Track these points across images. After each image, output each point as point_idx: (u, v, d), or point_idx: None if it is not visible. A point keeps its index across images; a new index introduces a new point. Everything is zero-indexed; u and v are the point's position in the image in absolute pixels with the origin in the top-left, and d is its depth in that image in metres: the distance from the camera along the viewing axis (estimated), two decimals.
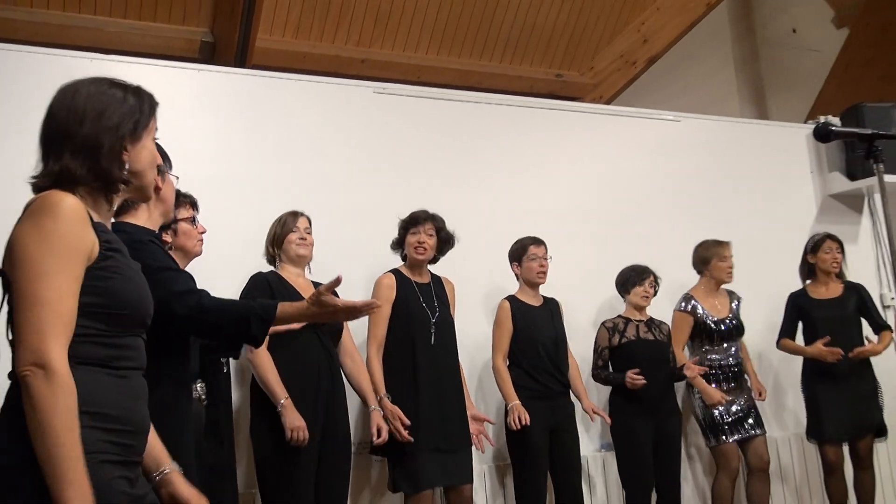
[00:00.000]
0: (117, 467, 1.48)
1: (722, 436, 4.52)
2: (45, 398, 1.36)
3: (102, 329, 1.51)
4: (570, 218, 4.86)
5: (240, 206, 3.91)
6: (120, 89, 1.68)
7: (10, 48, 3.92)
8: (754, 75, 7.80)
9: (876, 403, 4.69)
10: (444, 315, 3.84)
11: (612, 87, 6.58)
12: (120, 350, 1.55)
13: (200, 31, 5.41)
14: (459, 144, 4.76)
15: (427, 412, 3.62)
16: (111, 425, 1.47)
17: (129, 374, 1.56)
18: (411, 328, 3.73)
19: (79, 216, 1.49)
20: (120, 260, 1.58)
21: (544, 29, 6.29)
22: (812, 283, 4.85)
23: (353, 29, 5.78)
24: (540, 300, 4.24)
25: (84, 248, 1.49)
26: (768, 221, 5.49)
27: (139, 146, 1.66)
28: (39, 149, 1.62)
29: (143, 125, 1.67)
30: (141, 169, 1.67)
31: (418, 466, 3.59)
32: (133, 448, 1.54)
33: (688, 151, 5.46)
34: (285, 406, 3.21)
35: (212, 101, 4.16)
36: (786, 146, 5.88)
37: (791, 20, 8.08)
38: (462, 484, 3.73)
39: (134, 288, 1.59)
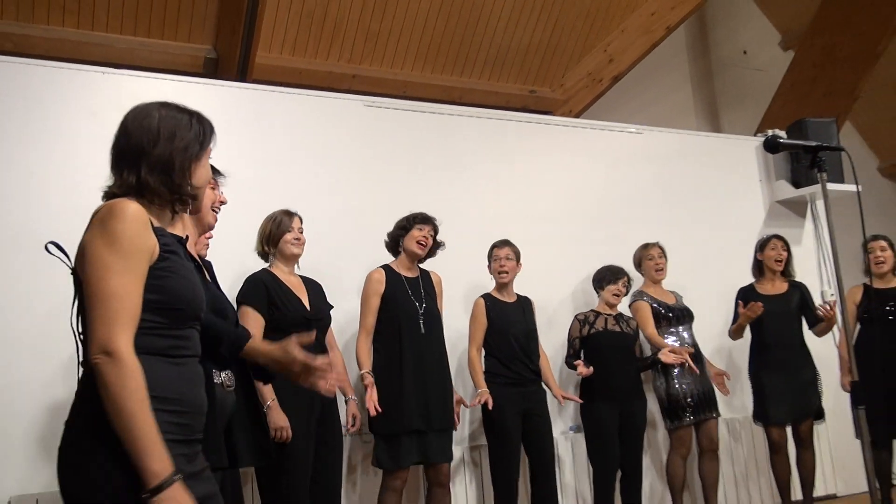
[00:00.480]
0: (177, 445, 1.52)
1: (681, 418, 4.54)
2: (115, 382, 1.42)
3: (162, 322, 1.56)
4: (542, 221, 4.87)
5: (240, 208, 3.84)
6: (186, 115, 1.74)
7: (28, 62, 3.90)
8: (709, 92, 7.86)
9: (815, 390, 4.72)
10: (430, 307, 3.83)
11: (581, 102, 6.60)
12: (177, 340, 1.60)
13: (204, 48, 5.38)
14: (442, 153, 4.76)
15: (410, 397, 3.61)
16: (171, 407, 1.52)
17: (186, 361, 1.61)
18: (399, 319, 3.72)
19: (142, 221, 1.55)
20: (176, 261, 1.63)
21: (519, 49, 6.30)
22: (760, 280, 4.89)
23: (344, 47, 5.76)
24: (514, 297, 4.24)
25: (147, 249, 1.55)
26: (721, 225, 5.53)
27: (199, 166, 1.73)
28: (112, 161, 1.68)
29: (204, 148, 1.74)
30: (200, 185, 1.74)
31: (399, 446, 3.60)
32: (191, 427, 1.59)
33: (649, 161, 5.49)
34: (271, 407, 3.18)
35: (215, 112, 4.03)
36: (737, 157, 5.92)
37: (742, 43, 8.15)
38: (441, 462, 3.73)
39: (189, 286, 1.63)
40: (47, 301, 3.41)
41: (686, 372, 4.50)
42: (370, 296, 3.76)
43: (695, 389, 4.53)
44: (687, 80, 7.72)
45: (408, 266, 3.87)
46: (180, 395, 1.56)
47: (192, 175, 1.69)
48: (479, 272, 4.40)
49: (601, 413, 4.30)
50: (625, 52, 6.53)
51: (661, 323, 4.67)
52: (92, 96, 3.86)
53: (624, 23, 6.54)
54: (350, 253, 4.18)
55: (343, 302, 3.77)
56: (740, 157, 5.92)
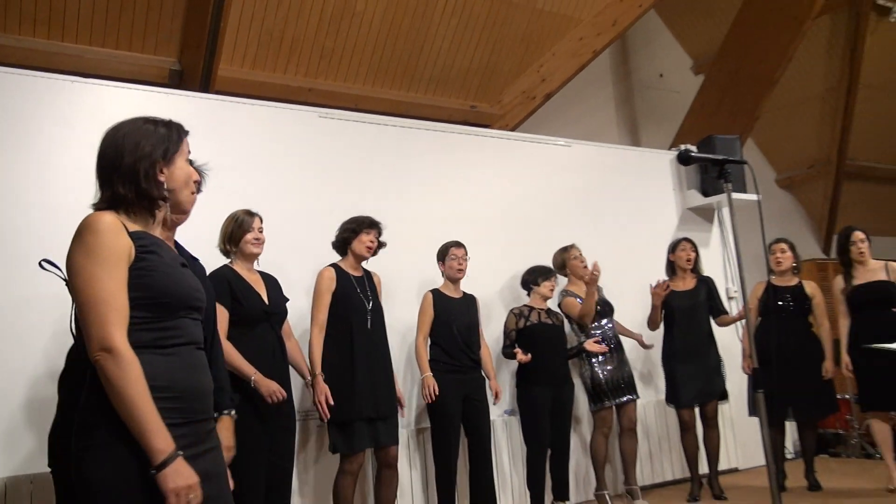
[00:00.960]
0: (173, 428, 1.53)
1: (603, 401, 4.62)
2: (116, 375, 1.47)
3: (148, 316, 1.58)
4: (480, 224, 4.90)
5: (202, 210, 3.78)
6: (152, 123, 1.72)
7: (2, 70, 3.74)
8: (629, 110, 8.00)
9: (719, 374, 4.84)
10: (376, 304, 3.82)
11: (516, 117, 6.64)
12: (166, 332, 1.60)
13: (170, 61, 5.25)
14: (390, 162, 4.75)
15: (361, 386, 3.60)
16: (162, 394, 1.53)
17: (177, 350, 1.61)
18: (350, 315, 3.70)
19: (113, 230, 1.57)
20: (154, 259, 1.62)
21: (461, 68, 6.32)
22: (672, 278, 5.00)
23: (301, 63, 5.70)
24: (460, 293, 4.26)
25: (122, 253, 1.56)
26: (639, 229, 5.64)
27: (173, 168, 1.70)
28: (96, 180, 1.69)
29: (172, 150, 1.71)
30: (175, 187, 1.72)
31: (353, 432, 3.58)
32: (187, 410, 1.60)
33: (576, 171, 5.56)
34: (257, 380, 3.19)
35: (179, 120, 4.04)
36: (654, 168, 6.04)
37: (659, 67, 8.31)
38: (390, 445, 3.73)
39: (170, 280, 1.63)
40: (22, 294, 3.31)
41: (607, 360, 4.61)
42: (323, 293, 3.73)
43: (615, 376, 4.63)
44: (610, 99, 7.84)
45: (354, 266, 3.85)
46: (171, 381, 1.57)
47: (160, 177, 1.68)
48: (423, 269, 4.41)
49: (535, 397, 4.34)
50: (556, 72, 6.61)
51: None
52: (64, 104, 3.74)
53: (555, 46, 6.61)
54: (303, 252, 4.13)
55: (294, 299, 3.72)
56: (656, 169, 6.04)
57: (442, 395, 3.97)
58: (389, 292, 4.11)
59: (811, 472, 4.85)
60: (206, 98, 4.43)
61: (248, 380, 3.18)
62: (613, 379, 4.63)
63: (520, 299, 4.69)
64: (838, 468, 5.52)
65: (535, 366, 4.32)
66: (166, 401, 1.54)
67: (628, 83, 8.07)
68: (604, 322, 4.71)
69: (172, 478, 1.47)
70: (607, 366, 4.63)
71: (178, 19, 5.07)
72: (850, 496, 4.51)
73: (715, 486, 4.80)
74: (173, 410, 1.55)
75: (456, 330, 4.10)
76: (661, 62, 8.30)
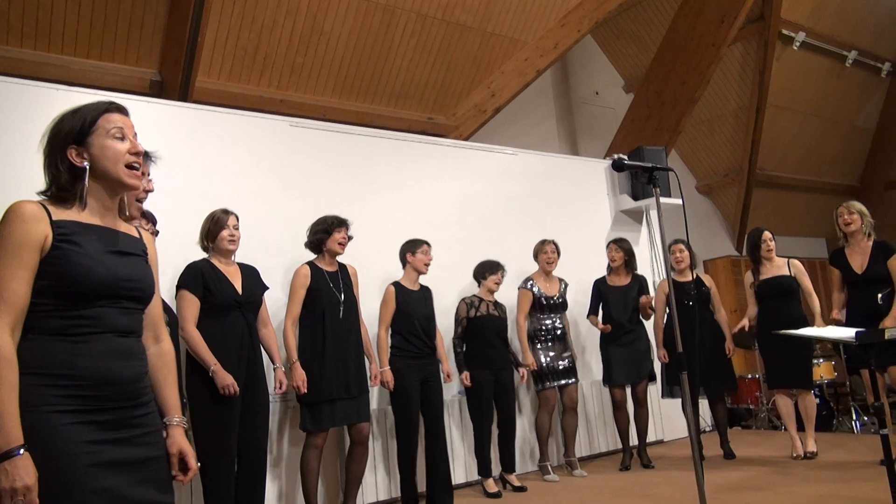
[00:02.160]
0: (72, 415, 1.39)
1: (545, 382, 4.66)
2: None
3: (58, 304, 1.43)
4: (437, 225, 4.88)
5: (180, 211, 3.71)
6: (72, 111, 1.57)
7: None
8: (569, 124, 8.06)
9: (648, 358, 4.92)
10: (349, 296, 3.78)
11: (469, 128, 6.64)
12: (78, 320, 1.45)
13: (151, 72, 5.11)
14: (355, 168, 4.69)
15: (330, 372, 3.56)
16: (64, 382, 1.40)
17: (88, 338, 1.45)
18: (323, 308, 3.66)
19: (26, 218, 1.43)
20: (71, 248, 1.46)
21: (419, 83, 6.29)
22: (610, 274, 5.05)
23: (273, 76, 5.60)
24: (418, 287, 4.23)
25: (29, 241, 1.42)
26: (578, 229, 5.68)
27: (93, 147, 1.53)
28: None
29: (85, 131, 1.53)
30: (102, 165, 1.53)
31: (321, 412, 3.55)
32: (96, 398, 1.44)
33: (523, 177, 5.59)
34: (216, 371, 3.12)
35: (159, 128, 3.94)
36: (590, 175, 6.10)
37: (595, 85, 8.40)
38: (360, 422, 3.69)
39: (84, 270, 1.46)
40: None
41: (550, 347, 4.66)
42: (298, 288, 3.68)
43: (557, 361, 4.67)
44: (552, 114, 7.89)
45: (329, 262, 3.81)
46: (72, 369, 1.41)
47: (76, 161, 1.52)
48: (385, 267, 4.38)
49: (480, 380, 4.35)
50: (504, 89, 6.62)
51: (538, 309, 4.78)
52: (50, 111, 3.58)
53: (503, 66, 6.63)
54: (274, 251, 4.06)
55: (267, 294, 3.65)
56: (593, 176, 6.10)
57: (403, 379, 3.95)
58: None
59: (725, 442, 4.96)
60: (184, 107, 4.31)
61: (208, 369, 3.12)
62: (556, 364, 4.67)
63: (472, 293, 4.70)
64: (749, 439, 5.66)
65: (480, 353, 4.37)
66: (66, 388, 1.39)
67: (568, 99, 8.13)
68: (553, 316, 4.75)
69: (6, 476, 1.29)
70: (550, 352, 4.68)
71: (159, 34, 4.93)
72: (760, 463, 4.63)
73: (644, 456, 4.88)
74: (77, 398, 1.40)
75: (416, 320, 4.08)
76: (596, 81, 8.39)
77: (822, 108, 8.97)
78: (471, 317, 4.44)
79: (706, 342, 4.83)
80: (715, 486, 3.94)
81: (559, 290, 4.82)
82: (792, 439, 4.71)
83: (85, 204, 1.53)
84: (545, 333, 4.72)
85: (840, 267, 4.35)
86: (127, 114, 1.62)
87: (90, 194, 1.54)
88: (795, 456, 4.63)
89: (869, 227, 4.25)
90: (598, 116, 8.18)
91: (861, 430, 6.14)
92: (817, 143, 9.32)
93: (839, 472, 4.13)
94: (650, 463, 4.82)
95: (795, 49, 8.05)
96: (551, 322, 4.74)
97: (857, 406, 6.39)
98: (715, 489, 3.85)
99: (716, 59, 7.08)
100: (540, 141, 7.31)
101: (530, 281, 4.80)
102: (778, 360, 4.67)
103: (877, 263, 4.17)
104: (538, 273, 4.86)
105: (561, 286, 4.84)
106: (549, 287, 4.80)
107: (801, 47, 8.08)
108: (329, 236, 3.76)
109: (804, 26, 7.95)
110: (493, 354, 4.40)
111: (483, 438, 4.35)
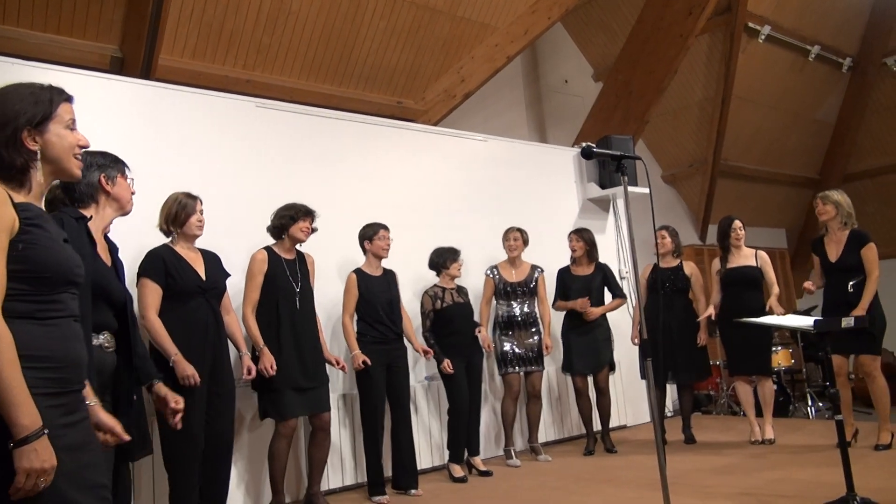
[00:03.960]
0: (49, 398, 1.38)
1: (508, 367, 4.69)
2: None
3: (27, 289, 1.41)
4: (404, 210, 4.85)
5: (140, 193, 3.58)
6: (27, 87, 1.50)
7: None
8: (538, 111, 8.07)
9: (609, 346, 4.96)
10: (305, 286, 3.73)
11: (438, 113, 6.61)
12: (47, 304, 1.44)
13: (111, 48, 4.94)
14: (322, 151, 4.62)
15: (287, 360, 3.53)
16: (40, 364, 1.39)
17: (56, 322, 1.45)
18: (278, 296, 3.61)
19: (1, 200, 1.38)
20: (38, 233, 1.44)
21: (388, 67, 6.23)
22: (573, 264, 5.08)
23: (239, 56, 5.48)
24: (381, 271, 4.20)
25: (6, 225, 1.38)
26: (546, 216, 5.69)
27: (49, 134, 1.49)
28: None
29: (42, 116, 1.48)
30: (54, 154, 1.50)
31: (282, 400, 3.53)
32: (65, 380, 1.44)
33: (491, 164, 5.57)
34: (176, 361, 3.04)
35: (120, 107, 3.82)
36: (559, 163, 6.11)
37: (564, 74, 8.42)
38: (321, 411, 3.67)
39: (52, 255, 1.45)
40: None
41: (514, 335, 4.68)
42: (255, 274, 3.62)
43: (522, 348, 4.70)
44: (522, 101, 7.89)
45: (287, 249, 3.74)
46: (50, 351, 1.41)
47: (30, 145, 1.47)
48: (349, 250, 4.33)
49: (455, 368, 4.32)
50: (473, 74, 6.59)
51: (501, 296, 4.79)
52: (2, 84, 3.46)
53: (473, 51, 6.59)
54: (238, 235, 3.97)
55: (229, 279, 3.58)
56: (561, 164, 6.12)
57: (368, 365, 3.93)
58: (316, 272, 4.01)
59: (688, 427, 5.06)
60: (146, 85, 4.17)
61: (169, 359, 3.04)
62: (520, 351, 4.70)
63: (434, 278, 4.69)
64: (710, 424, 5.77)
65: (452, 341, 4.37)
66: (44, 371, 1.39)
67: (537, 87, 8.13)
68: (516, 302, 4.76)
69: (29, 457, 1.29)
70: (513, 339, 4.71)
71: (121, 8, 4.76)
72: (720, 447, 4.73)
73: (607, 441, 4.94)
74: (51, 380, 1.40)
75: (379, 306, 4.05)
76: (566, 69, 8.40)
77: (785, 102, 9.13)
78: (437, 308, 4.43)
79: (674, 329, 4.90)
80: (676, 470, 4.01)
81: (528, 277, 4.83)
82: (751, 425, 4.82)
83: (30, 188, 1.50)
84: (507, 320, 4.74)
85: (817, 254, 4.44)
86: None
87: (33, 179, 1.51)
88: (754, 441, 4.74)
89: (845, 218, 4.33)
90: (566, 104, 8.20)
91: (816, 415, 6.33)
92: (779, 135, 9.49)
93: (795, 456, 4.25)
94: (613, 447, 4.89)
95: (760, 42, 8.17)
96: (513, 309, 4.75)
97: (812, 392, 6.58)
98: (676, 473, 3.92)
99: (683, 49, 7.14)
100: (508, 128, 7.30)
101: (493, 268, 4.81)
102: (738, 347, 4.77)
103: (849, 253, 4.26)
104: (505, 260, 4.87)
105: (533, 273, 4.85)
106: (513, 273, 4.81)
107: (766, 40, 8.19)
108: (294, 223, 3.69)
109: (769, 19, 8.07)
110: (462, 342, 4.41)
111: (457, 426, 4.35)
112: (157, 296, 3.13)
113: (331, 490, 4.12)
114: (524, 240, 4.83)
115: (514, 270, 4.83)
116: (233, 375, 3.41)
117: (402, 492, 4.02)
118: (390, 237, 4.17)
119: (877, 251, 4.24)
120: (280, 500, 3.57)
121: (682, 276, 5.04)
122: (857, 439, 4.35)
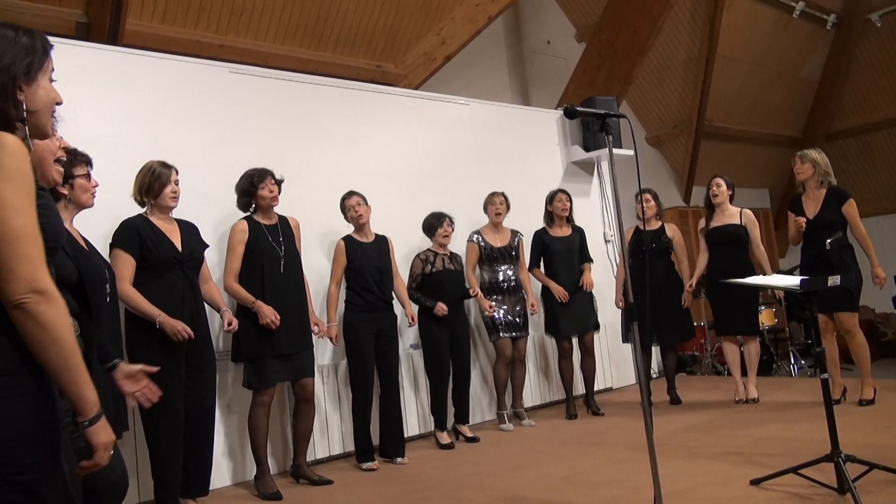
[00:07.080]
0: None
1: (499, 333, 4.66)
2: (52, 318, 1.18)
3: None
4: (384, 176, 4.76)
5: (113, 163, 3.48)
6: (11, 30, 1.31)
7: None
8: (521, 73, 7.93)
9: (592, 308, 4.96)
10: (290, 249, 3.65)
11: (419, 76, 6.46)
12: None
13: (76, 13, 4.74)
14: (299, 117, 4.49)
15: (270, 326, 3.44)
16: None
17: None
18: (263, 262, 3.53)
19: (24, 152, 1.22)
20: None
21: (367, 29, 6.05)
22: (551, 226, 5.03)
23: (211, 19, 5.29)
24: (371, 237, 4.12)
25: (33, 184, 1.24)
26: (529, 180, 5.62)
27: (35, 86, 1.32)
28: None
29: (36, 66, 1.32)
30: (37, 108, 1.33)
31: (264, 367, 3.47)
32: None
33: (473, 127, 5.47)
34: (162, 320, 3.00)
35: (86, 74, 3.66)
36: (542, 126, 6.02)
37: (547, 34, 8.26)
38: (304, 378, 3.62)
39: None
40: None
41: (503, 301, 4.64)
42: (236, 245, 3.53)
43: (509, 314, 4.66)
44: (504, 63, 7.74)
45: (266, 216, 3.65)
46: None
47: (22, 97, 1.29)
48: (331, 218, 4.24)
49: (435, 332, 4.32)
50: (454, 36, 6.44)
51: (486, 261, 4.74)
52: None
53: (454, 12, 6.43)
54: (213, 204, 3.87)
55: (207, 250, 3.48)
56: (544, 127, 6.03)
57: (357, 333, 3.91)
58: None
59: (672, 388, 5.08)
60: (114, 51, 4.00)
61: (153, 322, 2.99)
62: (507, 316, 4.66)
63: (423, 244, 4.61)
64: (695, 385, 5.81)
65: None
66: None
67: (520, 49, 7.98)
68: (503, 267, 4.72)
69: (102, 432, 1.28)
70: (503, 305, 4.66)
71: None
72: (705, 407, 4.75)
73: (592, 404, 4.95)
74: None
75: (368, 274, 3.98)
76: (548, 30, 8.25)
77: (769, 60, 9.04)
78: (426, 273, 4.37)
79: (657, 291, 4.88)
80: (663, 431, 4.02)
81: (510, 242, 4.77)
82: (736, 384, 4.85)
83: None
84: (496, 285, 4.69)
85: (796, 213, 4.42)
86: None
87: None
88: (738, 400, 4.76)
89: (822, 176, 4.31)
90: (549, 66, 8.07)
91: (798, 373, 6.39)
92: (762, 94, 9.42)
93: (779, 414, 4.27)
94: (599, 410, 4.90)
95: None
96: (498, 274, 4.70)
97: (794, 350, 6.64)
98: (662, 434, 3.93)
99: (667, 7, 7.01)
100: (491, 91, 7.17)
101: (477, 234, 4.75)
102: (725, 308, 4.76)
103: (827, 210, 4.25)
104: (487, 225, 4.81)
105: (514, 238, 4.80)
106: (497, 239, 4.76)
107: None
108: (256, 188, 3.59)
109: None
110: (449, 308, 4.34)
111: (440, 393, 4.33)
112: (130, 267, 3.05)
113: (318, 459, 4.10)
114: (508, 204, 4.77)
115: (497, 235, 4.77)
116: (213, 347, 3.35)
117: (388, 460, 4.01)
118: (358, 202, 4.05)
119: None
120: (265, 471, 3.54)
121: (664, 238, 5.01)
122: (845, 397, 4.38)
